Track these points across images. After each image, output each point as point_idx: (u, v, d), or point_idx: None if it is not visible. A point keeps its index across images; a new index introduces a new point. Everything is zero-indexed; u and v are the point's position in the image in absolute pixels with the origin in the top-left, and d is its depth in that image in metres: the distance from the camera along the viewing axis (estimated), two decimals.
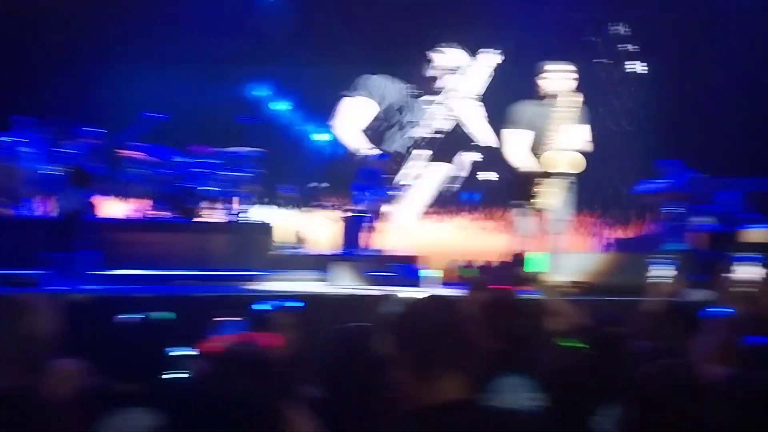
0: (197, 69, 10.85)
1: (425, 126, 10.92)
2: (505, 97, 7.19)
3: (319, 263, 7.82)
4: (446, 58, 10.96)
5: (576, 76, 5.55)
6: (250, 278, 7.24)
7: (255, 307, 2.93)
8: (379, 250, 8.26)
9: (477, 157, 8.98)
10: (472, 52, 10.84)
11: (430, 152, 10.65)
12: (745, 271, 2.05)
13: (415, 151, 10.68)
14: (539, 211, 5.64)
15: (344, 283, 6.91)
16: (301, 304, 2.87)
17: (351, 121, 10.25)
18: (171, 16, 10.65)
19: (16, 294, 2.65)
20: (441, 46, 10.96)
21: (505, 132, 5.77)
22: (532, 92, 5.99)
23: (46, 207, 8.03)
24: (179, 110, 10.05)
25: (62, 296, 3.08)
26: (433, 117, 11.08)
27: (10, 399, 1.44)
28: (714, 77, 11.52)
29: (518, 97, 6.39)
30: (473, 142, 9.23)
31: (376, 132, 9.81)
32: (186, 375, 2.77)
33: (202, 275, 7.41)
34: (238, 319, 2.57)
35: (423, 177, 10.52)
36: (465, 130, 8.84)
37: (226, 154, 8.63)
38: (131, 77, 10.65)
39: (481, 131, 8.15)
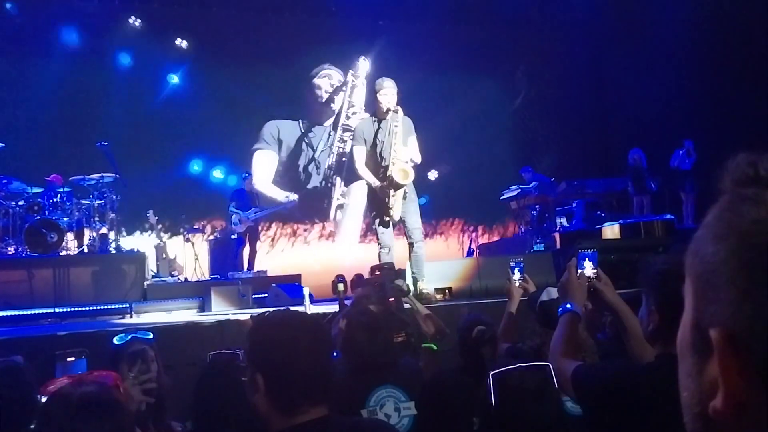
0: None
1: (332, 152, 11.00)
2: None
3: (195, 290, 7.57)
4: (326, 81, 11.10)
5: (396, 90, 5.70)
6: (122, 311, 6.86)
7: (113, 340, 2.76)
8: (259, 272, 8.13)
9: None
10: (345, 69, 11.09)
11: (343, 174, 10.77)
12: (588, 267, 2.20)
13: (333, 177, 10.74)
14: (395, 222, 5.72)
15: (222, 308, 6.71)
16: (150, 336, 2.72)
17: (262, 174, 10.22)
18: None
19: None
20: (321, 71, 11.10)
21: (354, 149, 5.84)
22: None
23: None
24: (23, 136, 9.40)
25: None
26: (335, 140, 11.18)
27: None
28: (566, 85, 12.37)
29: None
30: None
31: (290, 174, 9.86)
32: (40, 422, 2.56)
33: (70, 312, 6.94)
34: (80, 356, 2.39)
35: (349, 198, 10.55)
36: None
37: (82, 182, 8.12)
38: None
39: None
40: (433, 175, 7.47)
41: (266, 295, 7.29)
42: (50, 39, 9.95)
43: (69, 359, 2.30)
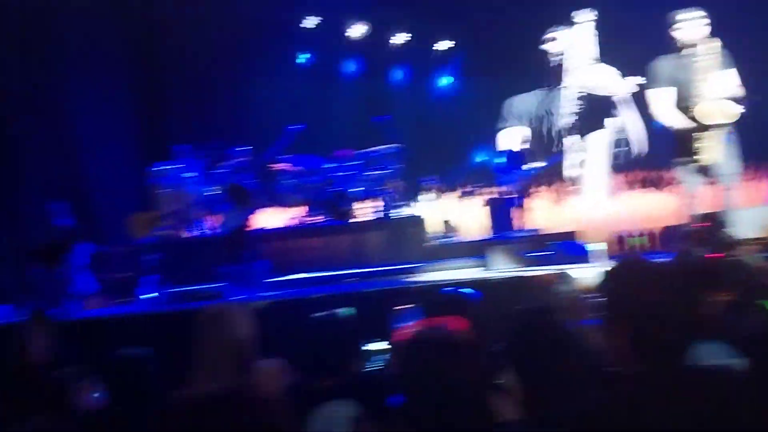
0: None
1: (566, 113, 10.74)
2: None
3: (474, 250, 7.82)
4: (553, 44, 10.72)
5: (708, 21, 5.11)
6: (410, 271, 7.39)
7: (433, 294, 2.96)
8: (534, 230, 8.10)
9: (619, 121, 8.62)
10: (570, 24, 10.58)
11: (579, 134, 10.53)
12: None
13: (567, 139, 10.55)
14: (704, 167, 5.25)
15: (503, 267, 6.83)
16: (478, 293, 2.86)
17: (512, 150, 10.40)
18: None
19: (217, 305, 2.85)
20: (546, 35, 10.75)
21: (650, 92, 5.44)
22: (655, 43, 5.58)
23: (213, 225, 8.62)
24: (318, 118, 10.56)
25: (250, 304, 3.28)
26: (568, 100, 10.87)
27: (225, 399, 1.54)
28: None
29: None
30: (614, 106, 8.86)
31: (535, 144, 9.92)
32: (379, 366, 2.85)
33: (364, 272, 7.69)
34: (414, 307, 2.60)
35: (589, 150, 10.31)
36: (602, 98, 8.58)
37: (367, 155, 8.86)
38: (269, 93, 11.23)
39: (616, 89, 8.04)
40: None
41: (546, 252, 7.25)
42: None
43: (403, 308, 2.52)
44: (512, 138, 9.99)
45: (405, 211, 8.78)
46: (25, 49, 9.56)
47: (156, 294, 7.32)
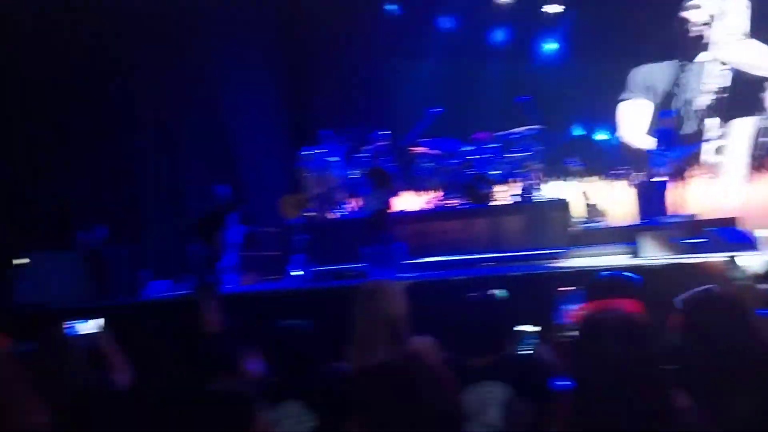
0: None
1: (707, 90, 9.91)
2: None
3: (622, 236, 7.47)
4: (698, 12, 9.80)
5: None
6: (553, 256, 7.19)
7: (593, 276, 2.86)
8: (689, 216, 7.59)
9: None
10: None
11: (723, 112, 9.68)
12: None
13: (707, 120, 9.77)
14: None
15: (655, 254, 6.46)
16: (639, 277, 2.72)
17: (633, 125, 9.81)
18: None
19: (374, 281, 2.94)
20: (690, 2, 9.84)
21: None
22: None
23: (355, 208, 8.88)
24: (455, 101, 10.50)
25: (401, 282, 3.36)
26: (711, 77, 10.01)
27: (382, 373, 1.58)
28: None
29: None
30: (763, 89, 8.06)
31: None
32: (531, 349, 2.80)
33: (503, 257, 7.59)
34: (577, 290, 2.51)
35: (731, 137, 9.51)
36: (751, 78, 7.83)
37: (507, 137, 8.69)
38: (407, 76, 11.32)
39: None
40: None
41: (700, 239, 6.78)
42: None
43: (568, 289, 2.46)
44: (636, 111, 9.36)
45: (547, 194, 8.56)
46: (181, 45, 10.29)
47: (303, 272, 7.69)
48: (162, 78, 10.28)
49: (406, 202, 9.62)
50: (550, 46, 10.95)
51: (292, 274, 7.72)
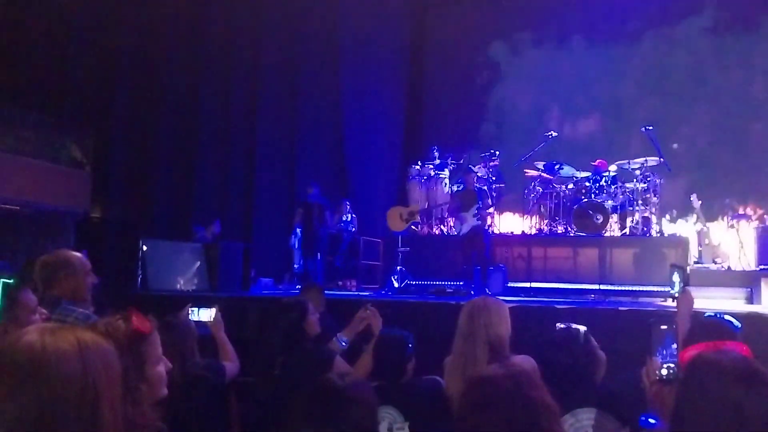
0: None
1: None
2: None
3: (740, 280, 7.03)
4: None
5: None
6: (663, 294, 6.87)
7: (704, 317, 2.75)
8: None
9: None
10: None
11: None
12: None
13: None
14: None
15: None
16: (737, 324, 2.59)
17: None
18: None
19: (483, 297, 2.97)
20: None
21: None
22: None
23: (455, 225, 8.84)
24: (574, 128, 10.28)
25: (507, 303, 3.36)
26: None
27: (492, 382, 1.58)
28: None
29: None
30: None
31: None
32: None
33: (613, 290, 7.33)
34: (673, 328, 2.41)
35: None
36: None
37: (627, 166, 8.37)
38: (522, 93, 11.18)
39: None
40: None
41: None
42: None
43: (662, 327, 2.36)
44: None
45: (667, 230, 8.17)
46: (309, 55, 10.74)
47: (404, 283, 7.79)
48: (287, 87, 10.78)
49: (512, 224, 9.51)
50: None
51: (393, 284, 7.83)
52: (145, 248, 7.40)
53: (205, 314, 3.62)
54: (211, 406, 3.07)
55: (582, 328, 2.77)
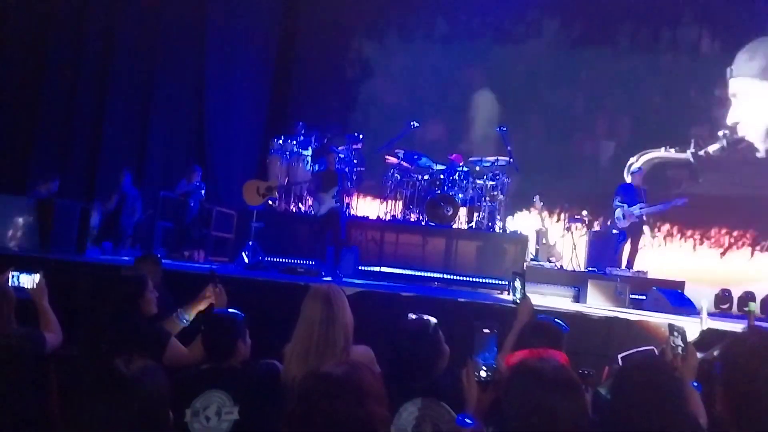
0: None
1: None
2: None
3: (570, 279, 7.63)
4: None
5: None
6: (500, 287, 7.30)
7: (534, 320, 2.92)
8: (640, 272, 7.79)
9: None
10: None
11: None
12: None
13: None
14: None
15: (597, 303, 6.62)
16: (565, 327, 2.79)
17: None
18: None
19: (325, 284, 2.91)
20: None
21: None
22: None
23: (312, 204, 8.80)
24: (436, 121, 10.61)
25: (347, 290, 3.36)
26: None
27: (342, 382, 1.58)
28: None
29: None
30: None
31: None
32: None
33: (452, 279, 7.68)
34: (492, 331, 2.51)
35: None
36: None
37: (479, 163, 8.78)
38: (389, 87, 11.38)
39: None
40: None
41: (644, 297, 6.97)
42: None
43: (485, 331, 2.45)
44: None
45: (508, 227, 8.66)
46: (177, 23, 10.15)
47: (256, 259, 7.63)
48: (146, 44, 10.09)
49: (367, 208, 9.65)
50: None
51: (244, 260, 7.65)
52: None
53: (28, 280, 3.32)
54: (27, 378, 2.82)
55: (433, 320, 2.83)
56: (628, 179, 9.11)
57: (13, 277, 3.33)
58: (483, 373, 2.21)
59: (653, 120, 10.39)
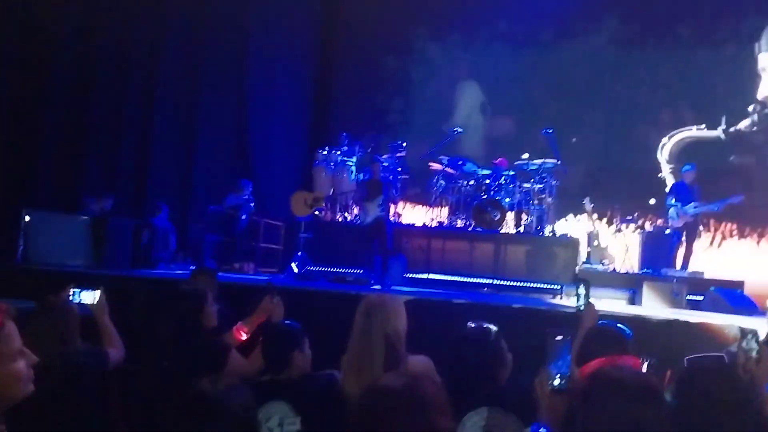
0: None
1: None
2: None
3: (625, 282, 7.45)
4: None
5: None
6: (553, 292, 7.16)
7: (596, 327, 2.83)
8: (694, 272, 7.56)
9: None
10: None
11: None
12: None
13: None
14: None
15: (653, 305, 6.44)
16: (629, 332, 2.70)
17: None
18: None
19: (379, 294, 2.89)
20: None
21: None
22: None
23: (358, 214, 8.82)
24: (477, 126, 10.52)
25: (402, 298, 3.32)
26: None
27: (380, 398, 1.55)
28: None
29: None
30: None
31: None
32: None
33: (505, 285, 7.57)
34: (566, 338, 2.45)
35: None
36: None
37: (525, 166, 8.66)
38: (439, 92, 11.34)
39: None
40: None
41: (702, 298, 6.76)
42: None
43: (558, 338, 2.39)
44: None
45: (559, 230, 8.50)
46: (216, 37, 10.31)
47: (304, 269, 7.67)
48: (189, 61, 10.26)
49: (414, 215, 9.61)
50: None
51: (293, 270, 7.70)
52: (27, 219, 6.90)
53: (88, 296, 3.37)
54: (93, 394, 2.87)
55: (493, 328, 2.78)
56: (672, 178, 8.87)
57: (73, 294, 3.37)
58: (557, 382, 2.15)
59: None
